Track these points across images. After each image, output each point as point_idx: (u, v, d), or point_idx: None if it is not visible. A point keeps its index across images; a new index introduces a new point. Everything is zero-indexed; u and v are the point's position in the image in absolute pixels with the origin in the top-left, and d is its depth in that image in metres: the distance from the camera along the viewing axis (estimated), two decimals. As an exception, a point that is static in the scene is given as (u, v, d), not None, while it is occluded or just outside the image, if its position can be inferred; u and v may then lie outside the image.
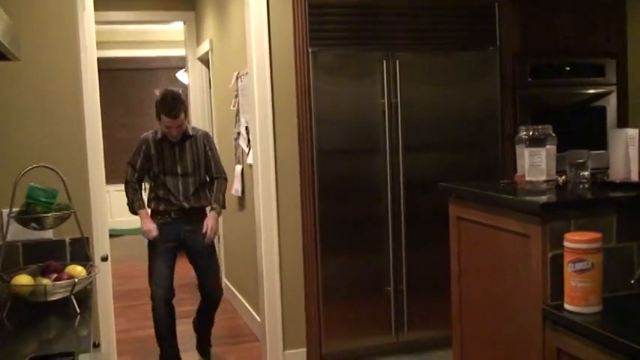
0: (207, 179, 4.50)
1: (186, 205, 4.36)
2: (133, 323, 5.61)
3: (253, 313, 5.23)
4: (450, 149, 4.58)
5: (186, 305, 5.27)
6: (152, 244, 4.38)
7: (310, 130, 4.30)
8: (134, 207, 4.40)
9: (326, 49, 4.31)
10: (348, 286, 4.41)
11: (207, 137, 4.50)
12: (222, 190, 4.48)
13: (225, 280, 6.33)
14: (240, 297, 5.82)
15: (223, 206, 4.52)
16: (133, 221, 10.41)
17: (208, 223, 4.37)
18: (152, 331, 4.45)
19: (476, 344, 2.82)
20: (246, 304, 5.56)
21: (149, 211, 4.45)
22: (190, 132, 4.40)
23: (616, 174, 2.65)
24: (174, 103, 4.18)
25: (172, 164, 4.35)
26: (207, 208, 4.50)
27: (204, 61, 6.82)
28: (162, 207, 4.37)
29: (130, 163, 4.41)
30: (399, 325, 4.52)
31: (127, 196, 4.42)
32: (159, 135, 4.36)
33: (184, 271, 5.02)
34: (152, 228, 4.33)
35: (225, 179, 4.53)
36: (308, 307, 4.38)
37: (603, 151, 3.93)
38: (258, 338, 4.94)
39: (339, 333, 4.43)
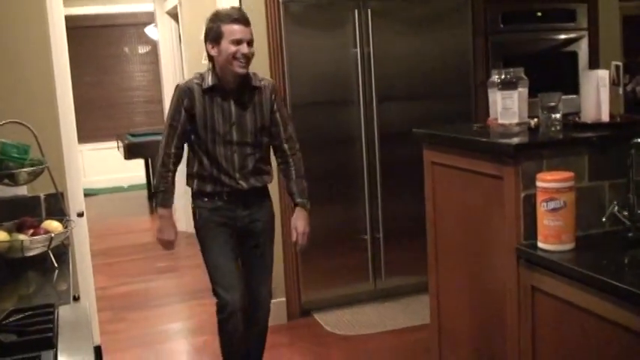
0: (272, 152, 3.30)
1: (244, 184, 3.15)
2: (112, 280, 5.62)
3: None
4: (423, 98, 4.59)
5: (164, 261, 5.28)
6: (204, 232, 3.21)
7: (283, 84, 4.27)
8: (157, 199, 3.22)
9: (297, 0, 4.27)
10: (326, 236, 4.44)
11: (275, 90, 3.23)
12: (303, 173, 3.30)
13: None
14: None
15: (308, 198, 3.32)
16: (107, 180, 10.55)
17: (298, 226, 3.26)
18: (131, 287, 4.45)
19: (452, 287, 2.87)
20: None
21: (184, 202, 3.34)
22: (254, 81, 3.16)
23: (587, 115, 2.68)
24: (239, 10, 3.14)
25: (227, 127, 3.09)
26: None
27: (174, 15, 6.72)
28: (209, 188, 3.15)
29: (169, 127, 3.12)
30: (377, 273, 4.58)
31: (155, 179, 3.23)
32: (208, 82, 3.07)
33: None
34: (171, 239, 3.23)
35: (301, 156, 3.32)
36: (286, 258, 4.41)
37: (575, 96, 3.94)
38: (238, 291, 4.97)
39: (318, 282, 4.48)
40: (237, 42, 2.99)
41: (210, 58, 3.08)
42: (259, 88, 3.15)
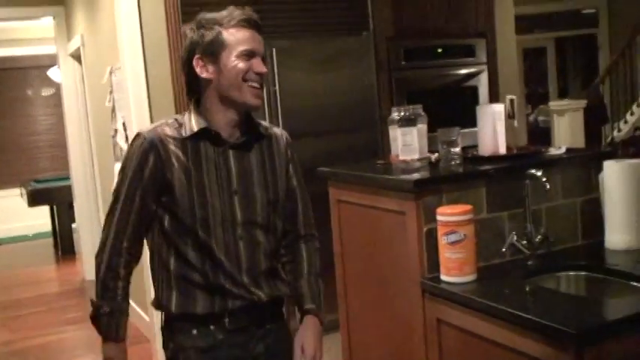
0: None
1: (260, 294, 1.98)
2: (17, 334, 5.37)
3: (141, 312, 5.12)
4: (331, 134, 4.63)
5: (72, 312, 5.11)
6: None
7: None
8: (101, 325, 1.95)
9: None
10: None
11: (290, 144, 2.14)
12: (318, 270, 2.21)
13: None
14: (129, 297, 5.67)
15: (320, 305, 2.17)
16: (10, 229, 10.12)
17: (306, 345, 2.08)
18: (38, 341, 4.24)
19: (362, 323, 2.87)
20: (134, 305, 5.43)
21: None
22: (261, 127, 2.07)
23: (485, 148, 2.75)
24: (247, 10, 2.00)
25: (225, 197, 1.95)
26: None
27: (76, 57, 6.59)
28: (200, 307, 1.93)
29: (120, 204, 1.95)
30: (290, 312, 4.53)
31: (97, 285, 1.96)
32: (192, 126, 1.94)
33: (71, 275, 4.85)
34: None
35: (318, 246, 2.26)
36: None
37: (476, 129, 4.07)
38: (149, 339, 4.84)
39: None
40: (249, 55, 1.92)
41: (193, 86, 1.98)
42: (269, 137, 2.06)
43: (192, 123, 1.94)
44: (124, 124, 4.79)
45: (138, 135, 1.96)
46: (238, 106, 1.95)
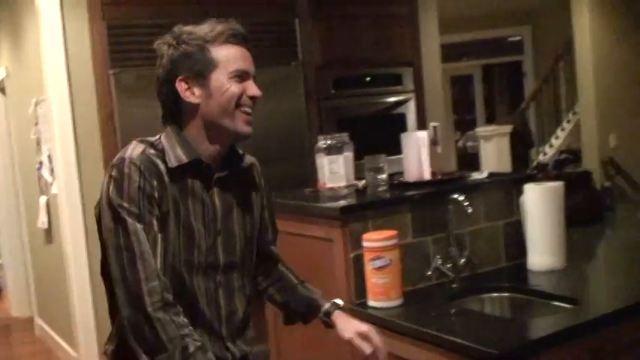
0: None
1: (235, 351, 1.81)
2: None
3: (69, 349, 4.98)
4: (262, 163, 4.56)
5: None
6: None
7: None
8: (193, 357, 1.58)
9: (128, 70, 4.22)
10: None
11: (260, 172, 1.98)
12: None
13: (37, 319, 5.98)
14: (54, 334, 5.52)
15: None
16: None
17: (363, 327, 1.90)
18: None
19: (292, 350, 2.86)
20: (60, 341, 5.29)
21: None
22: (245, 158, 1.88)
23: (410, 174, 2.80)
24: (232, 22, 1.78)
25: (210, 239, 1.73)
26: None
27: (0, 88, 6.44)
28: None
29: (141, 229, 1.60)
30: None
31: (158, 334, 1.57)
32: (177, 155, 1.68)
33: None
34: None
35: None
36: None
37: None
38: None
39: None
40: (242, 76, 1.71)
41: (173, 110, 1.72)
42: (245, 168, 1.87)
43: (179, 152, 1.67)
44: (49, 156, 4.69)
45: (122, 161, 1.62)
46: (228, 135, 1.71)
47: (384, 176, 2.78)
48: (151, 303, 1.56)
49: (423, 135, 2.82)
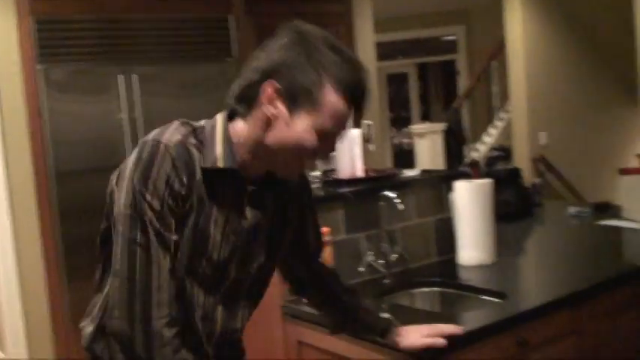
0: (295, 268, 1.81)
1: None
2: None
3: None
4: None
5: None
6: None
7: (45, 153, 4.08)
8: None
9: (58, 65, 4.12)
10: (102, 310, 4.23)
11: (307, 186, 1.75)
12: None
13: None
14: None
15: None
16: None
17: (448, 330, 1.89)
18: None
19: None
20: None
21: None
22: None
23: (343, 172, 2.82)
24: (362, 68, 1.44)
25: (225, 253, 1.49)
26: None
27: None
28: None
29: (156, 245, 1.39)
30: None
31: None
32: (218, 157, 1.44)
33: None
34: None
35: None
36: (57, 337, 4.15)
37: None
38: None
39: (96, 359, 4.25)
40: (334, 131, 1.42)
41: (243, 98, 1.45)
42: (288, 186, 1.59)
43: (218, 153, 1.43)
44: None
45: (157, 143, 1.39)
46: (273, 169, 1.49)
47: (317, 173, 2.79)
48: (158, 316, 1.37)
49: (356, 133, 2.84)
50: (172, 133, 1.42)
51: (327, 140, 1.41)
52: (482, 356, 2.02)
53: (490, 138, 8.47)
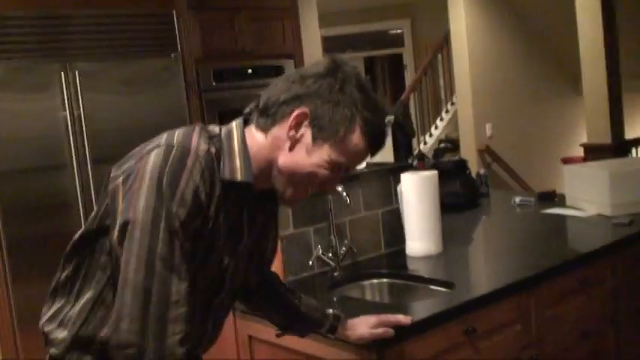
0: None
1: None
2: None
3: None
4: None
5: None
6: None
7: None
8: None
9: (-2, 62, 4.02)
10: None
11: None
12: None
13: None
14: None
15: None
16: None
17: (395, 320, 1.92)
18: None
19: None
20: None
21: None
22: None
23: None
24: (386, 122, 1.52)
25: (226, 262, 1.49)
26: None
27: None
28: None
29: (175, 251, 1.31)
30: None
31: None
32: (237, 170, 1.41)
33: None
34: None
35: None
36: (3, 338, 4.05)
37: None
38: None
39: (42, 357, 4.16)
40: (346, 167, 1.46)
41: (268, 115, 1.45)
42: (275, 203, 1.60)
43: (237, 165, 1.40)
44: None
45: (186, 151, 1.34)
46: (273, 187, 1.46)
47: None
48: (172, 332, 1.28)
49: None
50: (198, 139, 1.37)
51: (336, 173, 1.44)
52: (430, 345, 2.03)
53: (437, 130, 8.57)
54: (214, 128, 1.46)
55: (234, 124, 1.46)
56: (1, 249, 4.04)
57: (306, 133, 1.40)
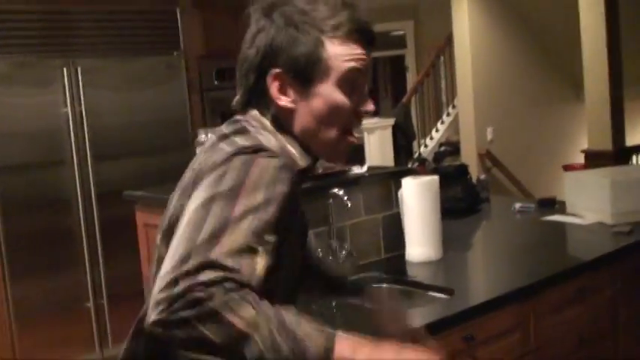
0: None
1: None
2: None
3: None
4: (142, 155, 4.52)
5: None
6: None
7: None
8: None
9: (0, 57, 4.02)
10: (45, 306, 4.14)
11: None
12: None
13: None
14: None
15: None
16: None
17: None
18: None
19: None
20: None
21: None
22: None
23: (291, 167, 2.80)
24: (361, 11, 1.32)
25: (297, 257, 1.44)
26: None
27: None
28: None
29: (268, 248, 1.11)
30: (103, 341, 4.36)
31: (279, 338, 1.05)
32: (299, 154, 1.31)
33: None
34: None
35: None
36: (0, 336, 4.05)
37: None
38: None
39: (39, 355, 4.16)
40: (354, 85, 1.32)
41: (254, 97, 1.36)
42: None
43: (294, 151, 1.30)
44: None
45: (282, 164, 1.18)
46: (317, 153, 1.34)
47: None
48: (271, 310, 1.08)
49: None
50: (269, 141, 1.25)
51: (357, 92, 1.31)
52: (429, 353, 2.02)
53: (438, 133, 8.55)
54: (241, 123, 1.32)
55: (253, 116, 1.33)
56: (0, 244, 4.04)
57: (291, 88, 1.29)
